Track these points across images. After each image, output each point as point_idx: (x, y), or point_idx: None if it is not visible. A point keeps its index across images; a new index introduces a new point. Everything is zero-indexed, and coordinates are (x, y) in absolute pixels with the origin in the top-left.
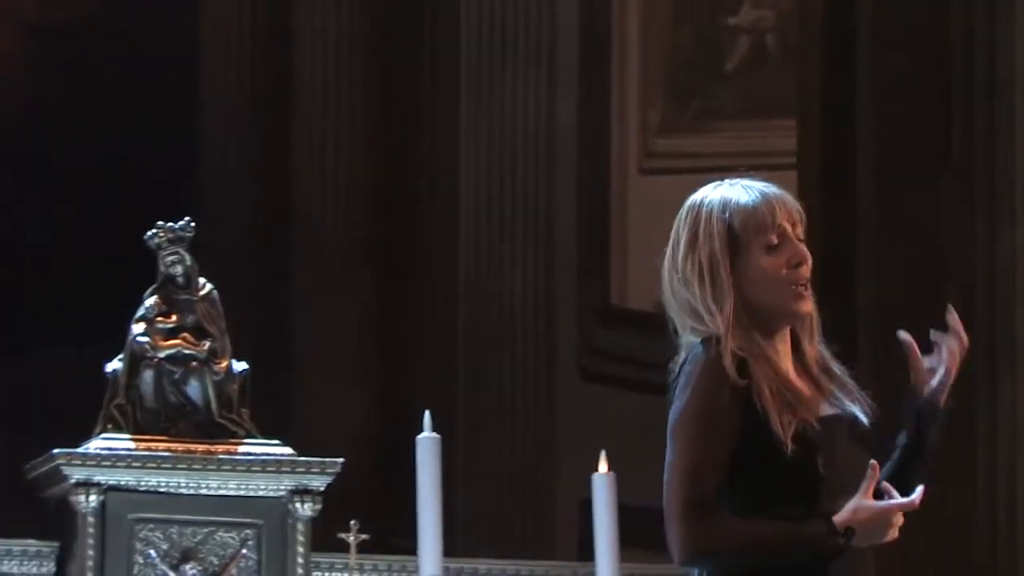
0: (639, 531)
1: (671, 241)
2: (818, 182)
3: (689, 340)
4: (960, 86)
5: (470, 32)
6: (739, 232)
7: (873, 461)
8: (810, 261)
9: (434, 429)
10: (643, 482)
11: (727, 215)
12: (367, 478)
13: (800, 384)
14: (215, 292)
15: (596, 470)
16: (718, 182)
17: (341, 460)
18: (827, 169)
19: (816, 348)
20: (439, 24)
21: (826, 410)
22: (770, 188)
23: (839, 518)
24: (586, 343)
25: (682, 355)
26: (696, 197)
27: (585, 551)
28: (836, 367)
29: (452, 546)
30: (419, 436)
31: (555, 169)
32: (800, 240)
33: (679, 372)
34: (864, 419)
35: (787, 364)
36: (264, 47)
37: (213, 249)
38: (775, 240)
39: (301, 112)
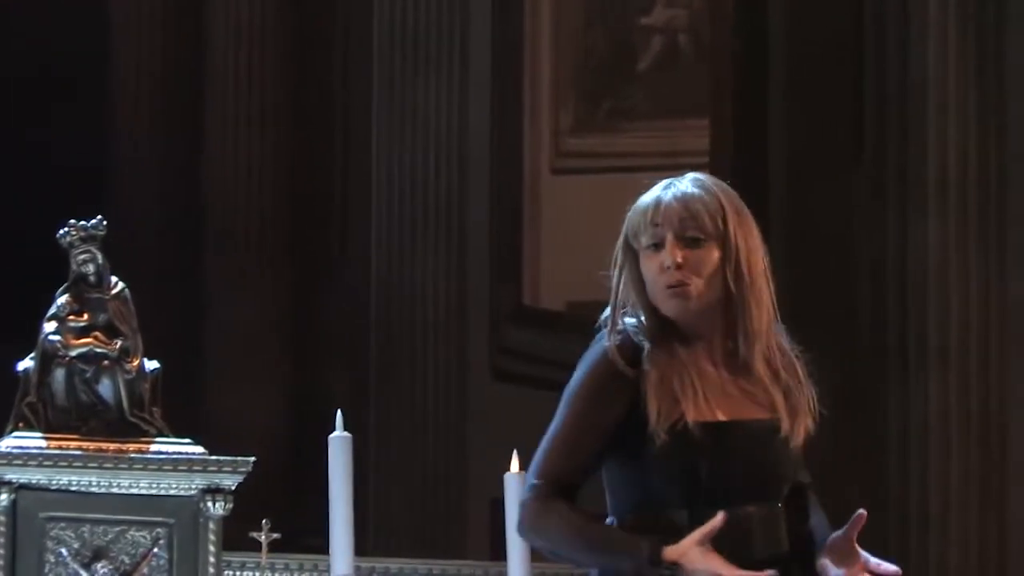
0: None
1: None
2: (730, 181)
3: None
4: (872, 85)
5: (383, 34)
6: (628, 232)
7: (722, 513)
8: (680, 264)
9: (346, 428)
10: None
11: (628, 221)
12: (279, 477)
13: (707, 383)
14: (127, 291)
15: (508, 469)
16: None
17: (252, 459)
18: (739, 168)
19: (757, 350)
20: (352, 26)
21: (744, 414)
22: (674, 189)
23: (671, 550)
24: (498, 343)
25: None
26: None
27: (497, 550)
28: (787, 374)
29: (364, 545)
30: (331, 435)
31: (468, 169)
32: (688, 242)
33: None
34: (791, 430)
35: (699, 358)
36: (177, 46)
37: (125, 247)
38: (651, 242)
39: (214, 111)
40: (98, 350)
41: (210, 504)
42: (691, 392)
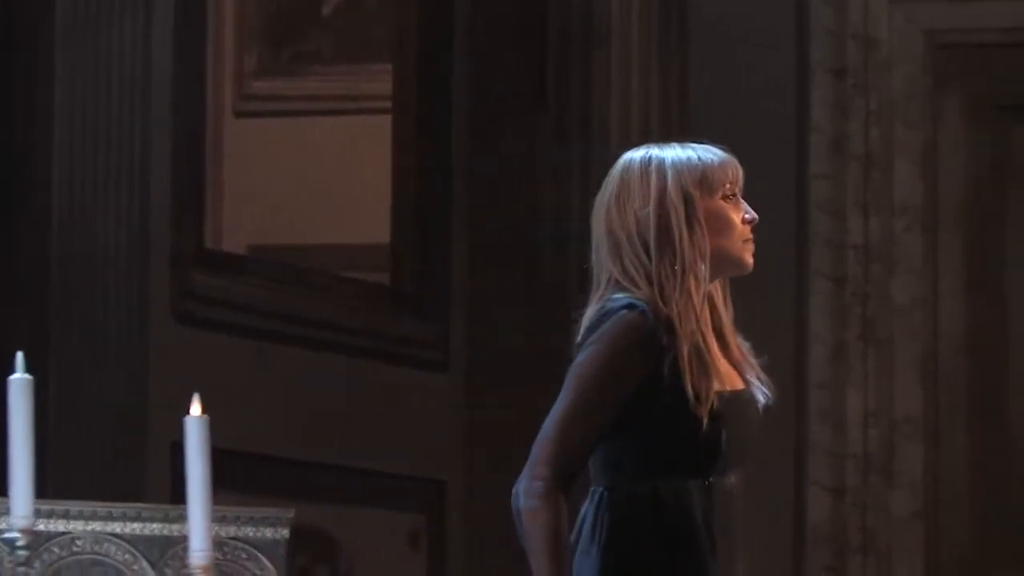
0: (231, 474)
1: (616, 192)
2: (413, 126)
3: (609, 296)
4: (556, 32)
5: None
6: (703, 181)
7: None
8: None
9: (27, 370)
10: (236, 425)
11: (692, 170)
12: None
13: (717, 353)
14: None
15: (189, 413)
16: (666, 143)
17: None
18: (423, 112)
19: (731, 316)
20: None
21: (736, 383)
22: (719, 150)
23: None
24: (180, 285)
25: (592, 311)
26: (650, 153)
27: (176, 494)
28: (742, 342)
29: (44, 488)
30: (11, 377)
31: (151, 112)
32: None
33: (590, 328)
34: (762, 399)
35: (710, 330)
36: None
37: None
38: (730, 192)
39: None
40: None
41: None
42: (713, 362)
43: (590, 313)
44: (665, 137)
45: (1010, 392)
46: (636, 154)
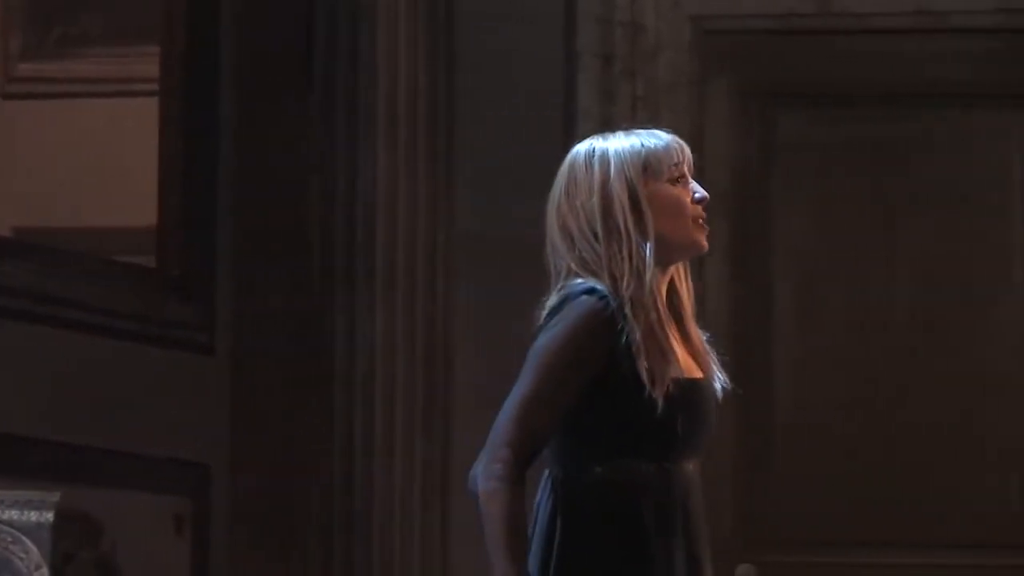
0: (3, 458)
1: (565, 187)
2: (180, 108)
3: (569, 283)
4: (323, 11)
5: None
6: (647, 167)
7: None
8: (708, 200)
9: None
10: (1, 407)
11: (634, 157)
12: None
13: (674, 339)
14: None
15: None
16: (611, 133)
17: None
18: (190, 95)
19: (692, 303)
20: None
21: (695, 371)
22: (664, 134)
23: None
24: None
25: (554, 297)
26: (594, 145)
27: None
28: (701, 332)
29: None
30: None
31: None
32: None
33: (551, 312)
34: (719, 388)
35: (668, 316)
36: None
37: None
38: (677, 175)
39: None
40: None
41: None
42: (669, 346)
43: (552, 300)
44: (432, 119)
45: (775, 379)
46: (582, 147)
